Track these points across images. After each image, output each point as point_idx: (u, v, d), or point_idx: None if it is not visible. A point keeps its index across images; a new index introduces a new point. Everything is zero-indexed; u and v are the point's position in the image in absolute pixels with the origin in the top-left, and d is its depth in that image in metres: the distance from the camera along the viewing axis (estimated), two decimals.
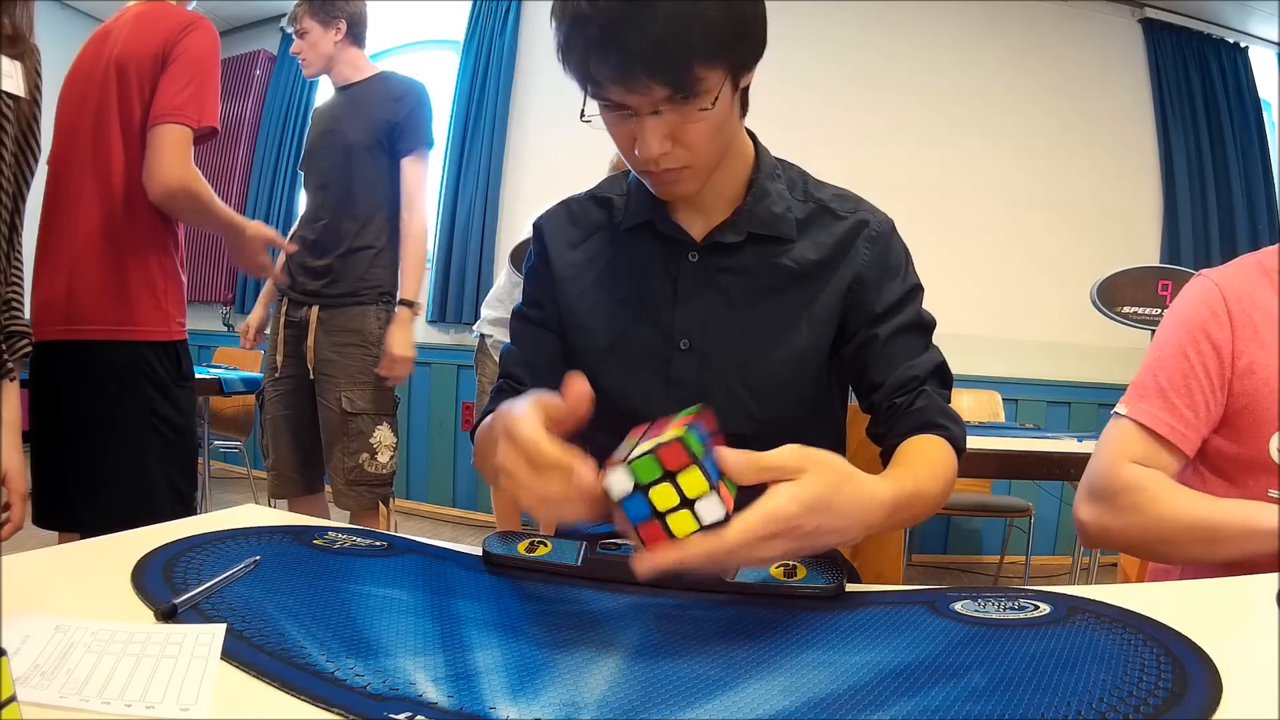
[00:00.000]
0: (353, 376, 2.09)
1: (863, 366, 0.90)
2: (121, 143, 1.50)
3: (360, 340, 2.10)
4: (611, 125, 0.80)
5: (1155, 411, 0.94)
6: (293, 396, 2.18)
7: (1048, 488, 3.54)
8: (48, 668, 0.48)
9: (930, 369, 0.88)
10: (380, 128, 2.09)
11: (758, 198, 0.90)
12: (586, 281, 0.95)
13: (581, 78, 0.75)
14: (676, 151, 0.79)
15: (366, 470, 2.11)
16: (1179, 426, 0.93)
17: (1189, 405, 0.93)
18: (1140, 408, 0.95)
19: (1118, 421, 0.97)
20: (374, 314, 2.12)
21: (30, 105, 1.15)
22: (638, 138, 0.78)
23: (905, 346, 0.89)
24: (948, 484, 0.82)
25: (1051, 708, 0.45)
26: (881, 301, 0.89)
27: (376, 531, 0.82)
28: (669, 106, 0.75)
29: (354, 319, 2.10)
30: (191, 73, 1.49)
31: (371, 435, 2.12)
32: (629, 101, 0.75)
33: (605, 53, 0.71)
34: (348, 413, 2.08)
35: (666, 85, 0.73)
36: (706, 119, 0.77)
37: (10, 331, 1.18)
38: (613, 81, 0.73)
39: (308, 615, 0.58)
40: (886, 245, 0.91)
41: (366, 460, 2.11)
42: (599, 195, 0.99)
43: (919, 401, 0.86)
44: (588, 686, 0.49)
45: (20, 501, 1.16)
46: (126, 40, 1.50)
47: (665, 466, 0.54)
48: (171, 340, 1.56)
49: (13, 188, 1.15)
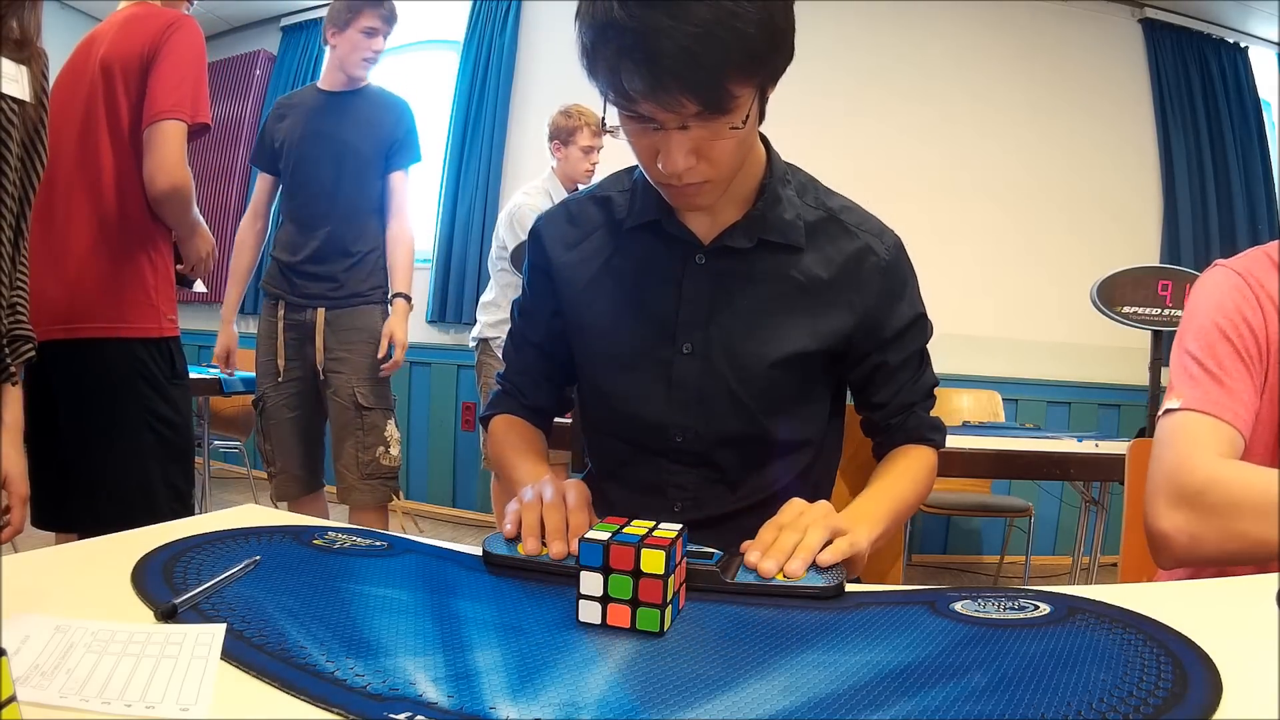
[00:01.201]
0: (363, 372, 2.16)
1: (868, 385, 0.97)
2: (110, 144, 1.50)
3: (369, 338, 2.17)
4: (634, 136, 0.78)
5: (1214, 397, 0.87)
6: (299, 398, 2.23)
7: (1048, 488, 3.54)
8: (48, 668, 0.48)
9: (924, 393, 0.98)
10: (384, 141, 2.19)
11: (770, 203, 0.89)
12: (587, 281, 0.94)
13: (609, 87, 0.73)
14: (700, 166, 0.77)
15: (382, 463, 2.18)
16: (1239, 409, 0.87)
17: (1243, 388, 0.87)
18: (1195, 396, 0.88)
19: (1173, 417, 0.89)
20: (380, 312, 2.21)
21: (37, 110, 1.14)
22: (661, 152, 0.76)
23: (909, 371, 0.96)
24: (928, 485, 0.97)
25: (1051, 708, 0.45)
26: (891, 326, 0.93)
27: (376, 531, 0.82)
28: (698, 122, 0.73)
29: (361, 317, 2.18)
30: (183, 70, 1.49)
31: (384, 429, 2.19)
32: (657, 116, 0.73)
33: (637, 64, 0.68)
34: (363, 406, 2.16)
35: (698, 101, 0.70)
36: (734, 136, 0.75)
37: (14, 335, 1.17)
38: (644, 95, 0.70)
39: (308, 615, 0.58)
40: (895, 273, 0.92)
41: (382, 453, 2.18)
42: (598, 195, 0.98)
43: (911, 421, 0.97)
44: (588, 686, 0.49)
45: (20, 505, 1.16)
46: (112, 42, 1.51)
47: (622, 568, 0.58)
48: (164, 337, 1.56)
49: (19, 192, 1.14)
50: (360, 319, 2.18)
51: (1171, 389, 0.92)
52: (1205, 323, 0.92)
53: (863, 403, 1.00)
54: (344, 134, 2.17)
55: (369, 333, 2.18)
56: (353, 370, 2.16)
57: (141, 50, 1.48)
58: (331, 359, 2.17)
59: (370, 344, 2.18)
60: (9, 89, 1.07)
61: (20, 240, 1.18)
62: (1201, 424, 0.86)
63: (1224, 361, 0.88)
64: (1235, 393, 0.87)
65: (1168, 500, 0.84)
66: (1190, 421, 0.87)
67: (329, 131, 2.17)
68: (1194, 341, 0.92)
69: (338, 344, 2.17)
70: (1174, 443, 0.86)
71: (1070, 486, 3.03)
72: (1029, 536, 3.23)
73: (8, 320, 1.17)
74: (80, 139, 1.51)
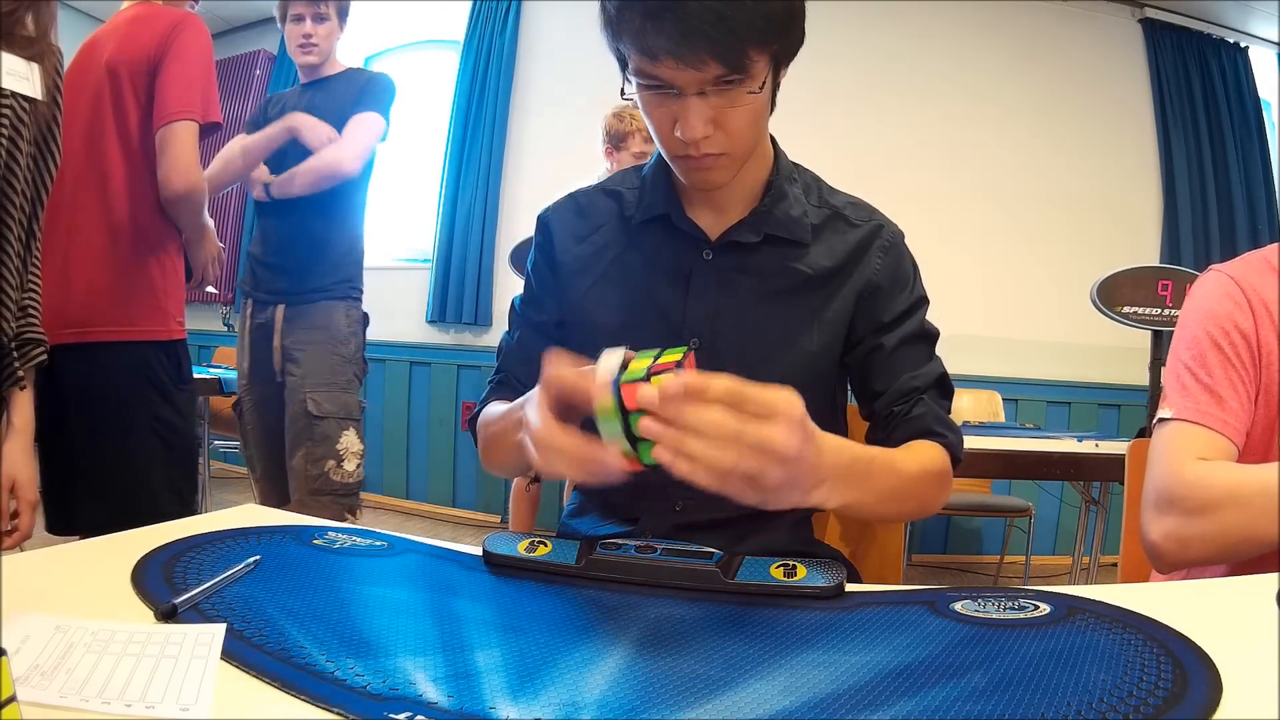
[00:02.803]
0: (319, 377, 1.97)
1: (866, 374, 0.91)
2: (119, 147, 1.50)
3: (327, 338, 1.99)
4: (651, 106, 0.79)
5: (1204, 407, 0.89)
6: (265, 403, 2.06)
7: (1048, 488, 3.54)
8: (48, 668, 0.48)
9: (932, 380, 0.89)
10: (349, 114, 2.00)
11: (775, 199, 0.90)
12: (593, 275, 0.94)
13: (633, 49, 0.75)
14: (717, 136, 0.78)
15: (332, 479, 1.95)
16: (1229, 419, 0.88)
17: (1234, 396, 0.89)
18: (1187, 406, 0.90)
19: (1165, 427, 0.91)
20: (342, 310, 2.02)
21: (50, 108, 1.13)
22: (680, 119, 0.77)
23: (909, 357, 0.90)
24: (936, 482, 0.83)
25: (1051, 708, 0.45)
26: (890, 311, 0.90)
27: (376, 531, 0.82)
28: (716, 88, 0.75)
29: (321, 315, 2.00)
30: (191, 70, 1.48)
31: (338, 440, 1.96)
32: (678, 79, 0.75)
33: (662, 23, 0.71)
34: (313, 415, 1.94)
35: (720, 62, 0.73)
36: (751, 104, 0.77)
37: (25, 338, 1.16)
38: (668, 53, 0.72)
39: (308, 615, 0.58)
40: (898, 255, 0.92)
41: (333, 468, 1.95)
42: (608, 188, 0.98)
43: (916, 409, 0.87)
44: (588, 686, 0.49)
45: (29, 510, 1.14)
46: (118, 44, 1.50)
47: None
48: (171, 340, 1.55)
49: (30, 192, 1.13)
50: (319, 316, 1.99)
51: (1165, 398, 0.93)
52: (1197, 331, 0.93)
53: (865, 396, 0.93)
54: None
55: (327, 331, 1.99)
56: (306, 373, 1.96)
57: (148, 52, 1.47)
58: (287, 360, 1.98)
59: (328, 344, 1.98)
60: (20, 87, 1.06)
61: (32, 241, 1.16)
62: (1192, 434, 0.88)
63: (1215, 371, 0.90)
64: (1226, 402, 0.89)
65: (1156, 509, 0.87)
66: (1181, 432, 0.89)
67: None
68: (1186, 351, 0.93)
69: (293, 344, 1.98)
70: (1164, 454, 0.88)
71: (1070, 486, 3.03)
72: (1029, 536, 3.23)
73: (18, 323, 1.15)
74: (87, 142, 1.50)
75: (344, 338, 2.00)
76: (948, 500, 0.87)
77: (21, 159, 1.09)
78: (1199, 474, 0.84)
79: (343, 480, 1.96)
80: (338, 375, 1.98)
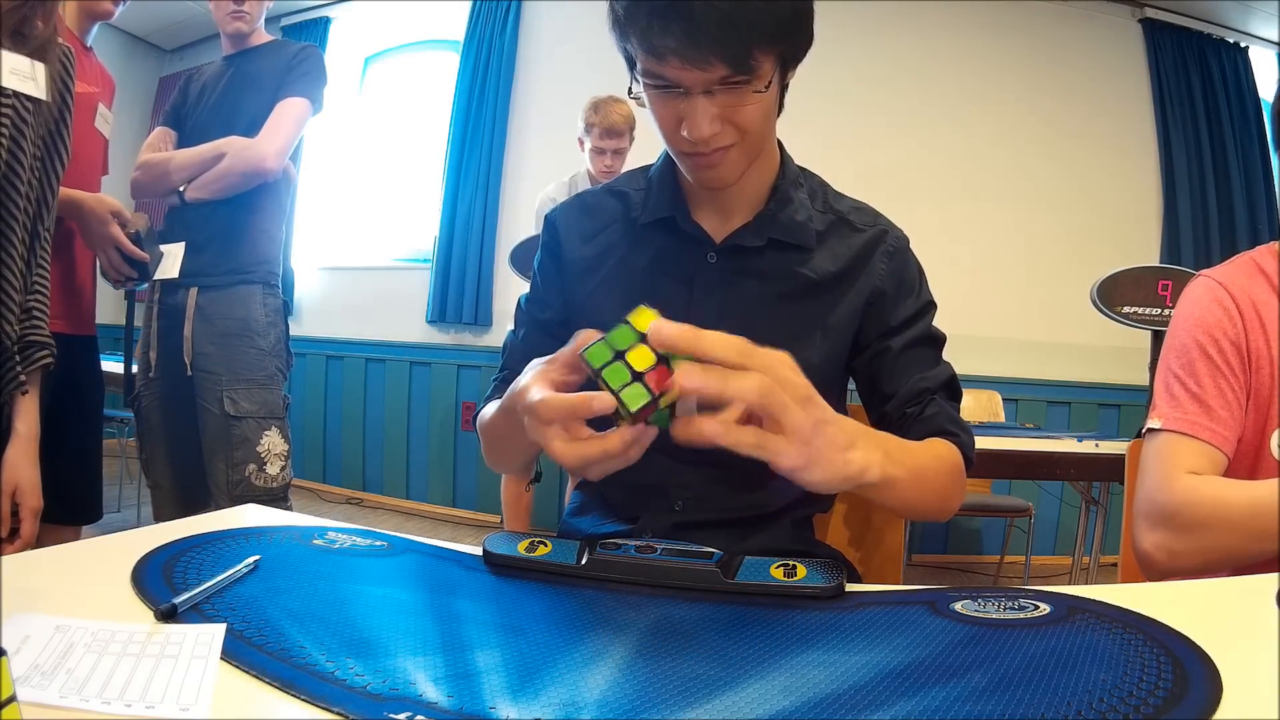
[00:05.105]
0: (236, 373, 1.78)
1: (874, 377, 0.91)
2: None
3: (244, 329, 1.80)
4: (659, 105, 0.80)
5: (1193, 418, 0.89)
6: (169, 399, 1.83)
7: (1048, 488, 3.54)
8: (48, 668, 0.48)
9: (941, 382, 0.89)
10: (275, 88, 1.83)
11: (781, 204, 0.90)
12: (599, 275, 0.94)
13: (640, 49, 0.75)
14: (726, 130, 0.79)
15: (254, 484, 1.78)
16: (1219, 429, 0.89)
17: (1223, 405, 0.89)
18: (1176, 417, 0.90)
19: (1155, 438, 0.91)
20: (259, 298, 1.82)
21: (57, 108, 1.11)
22: (686, 118, 0.78)
23: (917, 359, 0.90)
24: (956, 478, 0.83)
25: (1051, 708, 0.45)
26: (897, 315, 0.90)
27: (376, 531, 0.82)
28: (722, 87, 0.75)
29: (237, 304, 1.80)
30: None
31: (259, 443, 1.79)
32: (684, 79, 0.75)
33: (669, 23, 0.71)
34: (231, 416, 1.77)
35: (725, 62, 0.73)
36: (758, 101, 0.77)
37: (28, 341, 1.14)
38: (674, 52, 0.73)
39: (307, 615, 0.58)
40: (903, 260, 0.92)
41: (254, 472, 1.79)
42: (615, 189, 0.98)
43: (928, 410, 0.87)
44: (588, 686, 0.49)
45: (32, 518, 1.12)
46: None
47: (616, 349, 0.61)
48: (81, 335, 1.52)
49: (35, 193, 1.11)
50: (235, 306, 1.79)
51: (1154, 407, 0.93)
52: (1186, 340, 0.93)
53: (874, 400, 0.93)
54: (233, 95, 1.86)
55: (244, 324, 1.79)
56: (222, 370, 1.77)
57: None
58: (200, 354, 1.77)
59: (245, 335, 1.79)
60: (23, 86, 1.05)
61: (37, 243, 1.15)
62: (1181, 445, 0.89)
63: (1204, 380, 0.90)
64: (1215, 411, 0.89)
65: (1147, 520, 0.88)
66: (1170, 443, 0.90)
67: (219, 98, 1.87)
68: (1175, 359, 0.94)
69: (208, 336, 1.77)
70: (1155, 466, 0.89)
71: (1070, 486, 3.03)
72: (1029, 536, 3.23)
73: (21, 325, 1.13)
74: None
75: (261, 329, 1.81)
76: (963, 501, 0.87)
77: (25, 159, 1.07)
78: (1188, 491, 0.86)
79: (266, 485, 1.80)
80: (256, 370, 1.81)
